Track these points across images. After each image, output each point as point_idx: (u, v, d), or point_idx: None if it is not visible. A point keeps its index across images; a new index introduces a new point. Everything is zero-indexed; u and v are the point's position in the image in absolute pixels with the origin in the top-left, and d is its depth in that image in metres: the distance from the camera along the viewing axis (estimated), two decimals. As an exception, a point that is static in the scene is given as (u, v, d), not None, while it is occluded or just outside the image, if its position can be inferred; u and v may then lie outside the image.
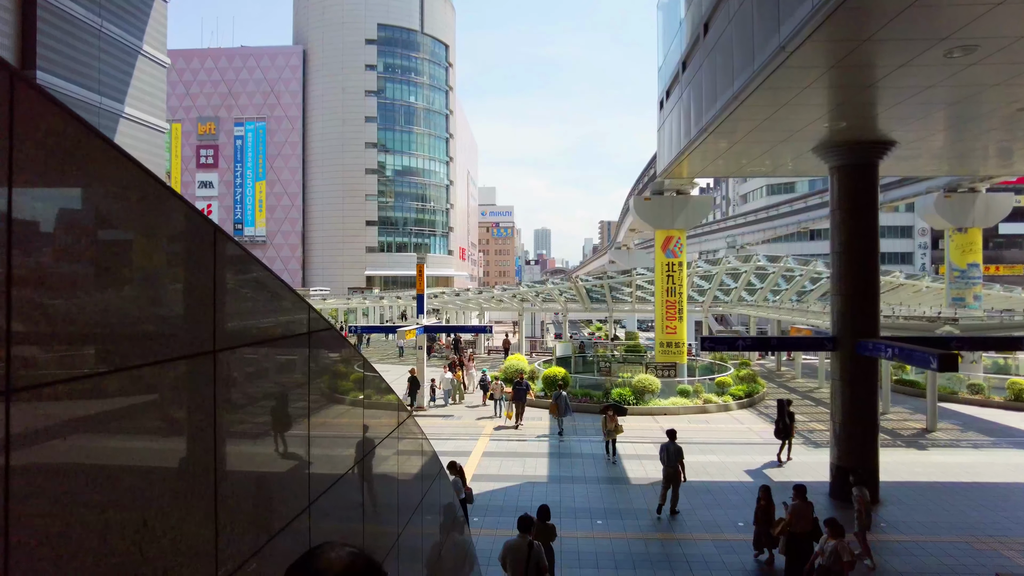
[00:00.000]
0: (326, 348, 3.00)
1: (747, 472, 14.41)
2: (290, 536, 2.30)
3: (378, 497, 3.59)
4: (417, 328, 21.01)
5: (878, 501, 12.37)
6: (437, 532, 5.23)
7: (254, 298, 2.28)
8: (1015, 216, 49.26)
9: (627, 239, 47.95)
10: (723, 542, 10.46)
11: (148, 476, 1.62)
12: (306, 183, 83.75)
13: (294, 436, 2.53)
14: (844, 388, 12.55)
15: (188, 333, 1.79)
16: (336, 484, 2.84)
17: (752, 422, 19.83)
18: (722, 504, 12.25)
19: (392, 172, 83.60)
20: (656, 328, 26.32)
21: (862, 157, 12.34)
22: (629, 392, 21.33)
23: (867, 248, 12.53)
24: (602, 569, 9.51)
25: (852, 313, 12.48)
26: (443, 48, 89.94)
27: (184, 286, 1.81)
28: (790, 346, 14.59)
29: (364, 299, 50.10)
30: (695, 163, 14.68)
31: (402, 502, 3.86)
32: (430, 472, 4.94)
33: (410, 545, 4.15)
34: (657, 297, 25.84)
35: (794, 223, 43.10)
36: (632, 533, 10.93)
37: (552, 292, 33.89)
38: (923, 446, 16.94)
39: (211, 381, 1.86)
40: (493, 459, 15.19)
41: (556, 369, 23.05)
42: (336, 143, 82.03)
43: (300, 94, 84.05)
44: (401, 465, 3.94)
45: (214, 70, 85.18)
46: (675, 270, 25.49)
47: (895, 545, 10.38)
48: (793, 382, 27.83)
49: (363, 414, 3.39)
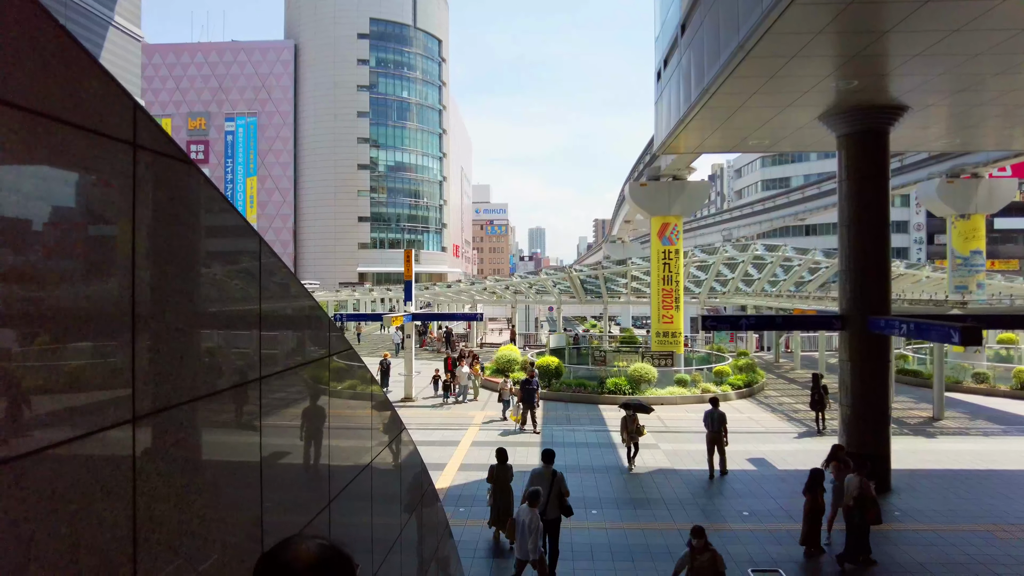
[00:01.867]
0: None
1: (750, 460, 13.66)
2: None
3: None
4: (404, 316, 20.17)
5: (889, 489, 11.64)
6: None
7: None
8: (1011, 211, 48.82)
9: (622, 231, 47.20)
10: (727, 532, 9.69)
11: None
12: (298, 179, 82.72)
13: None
14: (854, 369, 11.80)
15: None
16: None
17: (752, 411, 19.09)
18: (725, 493, 11.49)
19: (384, 168, 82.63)
20: (652, 318, 25.58)
21: (872, 123, 11.60)
22: (625, 382, 20.56)
23: (877, 220, 11.80)
24: (597, 561, 8.73)
25: (862, 289, 11.73)
26: (436, 43, 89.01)
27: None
28: (796, 325, 13.87)
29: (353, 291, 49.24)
30: (693, 136, 13.91)
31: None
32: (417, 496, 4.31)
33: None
34: (653, 286, 25.10)
35: (791, 214, 42.42)
36: (629, 523, 10.16)
37: (546, 283, 33.11)
38: (931, 434, 16.25)
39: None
40: (483, 449, 14.39)
41: (549, 359, 22.26)
42: (328, 138, 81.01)
43: (292, 89, 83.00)
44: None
45: (204, 65, 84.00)
46: (672, 258, 24.76)
47: (912, 535, 9.63)
48: (792, 373, 27.14)
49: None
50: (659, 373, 21.13)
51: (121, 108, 1.52)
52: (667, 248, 24.80)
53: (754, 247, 29.53)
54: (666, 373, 21.65)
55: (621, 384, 20.43)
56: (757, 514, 10.45)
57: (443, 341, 34.72)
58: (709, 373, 22.42)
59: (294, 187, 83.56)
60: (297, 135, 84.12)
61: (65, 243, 1.43)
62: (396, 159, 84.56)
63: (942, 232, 54.16)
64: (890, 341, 11.93)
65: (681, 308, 25.21)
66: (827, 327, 12.26)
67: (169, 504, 1.67)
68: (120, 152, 1.52)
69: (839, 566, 8.52)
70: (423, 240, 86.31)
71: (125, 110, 1.53)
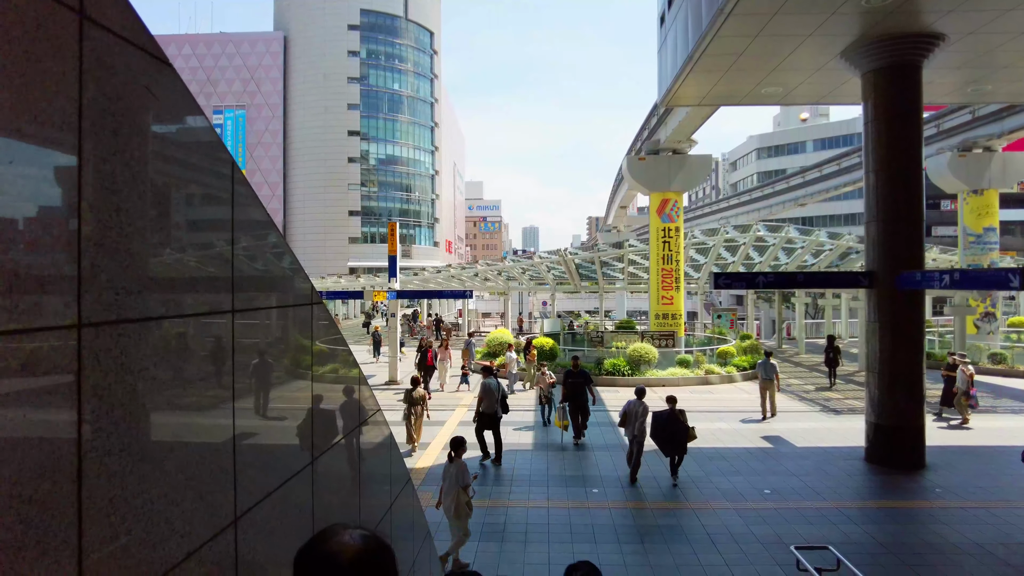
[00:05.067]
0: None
1: (765, 438, 12.39)
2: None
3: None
4: (388, 292, 18.83)
5: (924, 465, 10.39)
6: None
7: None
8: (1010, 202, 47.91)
9: (618, 220, 45.91)
10: (748, 511, 8.41)
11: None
12: (287, 173, 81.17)
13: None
14: (884, 332, 10.53)
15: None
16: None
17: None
18: (741, 471, 10.20)
19: (376, 161, 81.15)
20: (651, 299, 24.33)
21: (904, 55, 10.35)
22: (623, 362, 19.28)
23: (909, 164, 10.55)
24: (600, 544, 7.43)
25: (892, 241, 10.48)
26: (428, 35, 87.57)
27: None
28: (819, 283, 12.65)
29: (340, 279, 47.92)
30: (701, 81, 12.62)
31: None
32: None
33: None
34: (652, 266, 23.85)
35: (791, 199, 41.25)
36: (632, 502, 8.86)
37: (540, 268, 31.81)
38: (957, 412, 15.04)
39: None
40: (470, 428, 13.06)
41: (544, 339, 20.98)
42: (318, 131, 79.49)
43: (281, 81, 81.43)
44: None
45: (192, 56, 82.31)
46: (672, 235, 23.51)
47: (960, 512, 8.36)
48: (797, 358, 25.92)
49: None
50: (660, 354, 19.86)
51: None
52: (667, 226, 23.55)
53: (755, 228, 28.30)
54: (667, 354, 20.39)
55: (620, 365, 19.15)
56: (780, 492, 9.17)
57: (432, 329, 33.37)
58: (712, 354, 21.17)
59: (283, 181, 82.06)
60: (287, 128, 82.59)
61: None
62: (387, 152, 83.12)
63: (939, 224, 53.29)
64: (924, 301, 10.68)
65: (681, 289, 23.97)
66: (853, 284, 11.01)
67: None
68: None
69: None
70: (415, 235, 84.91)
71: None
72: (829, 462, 10.76)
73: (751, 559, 6.97)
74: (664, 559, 7.03)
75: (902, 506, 8.76)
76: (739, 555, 7.07)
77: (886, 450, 10.45)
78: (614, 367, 19.07)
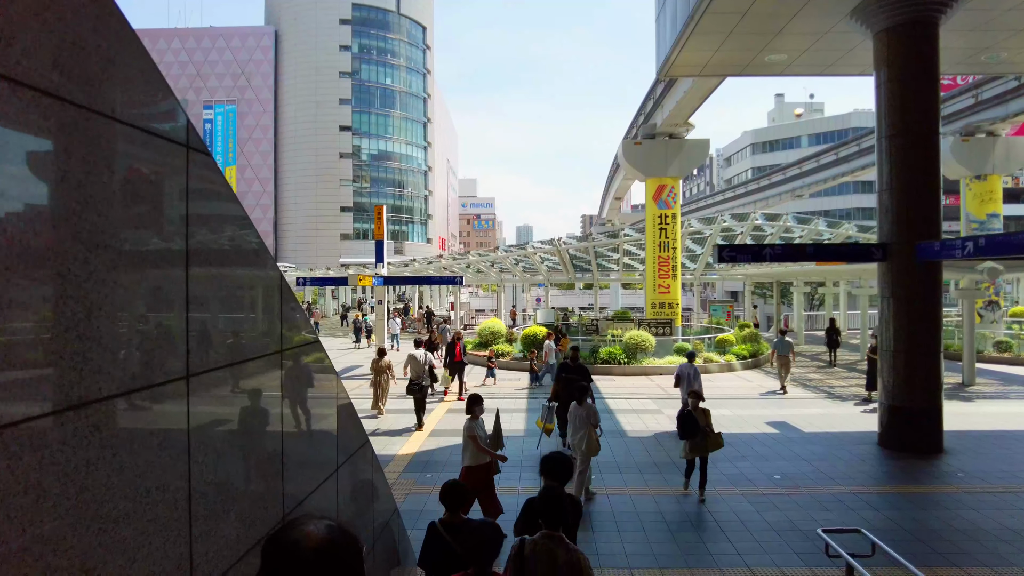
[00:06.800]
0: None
1: (770, 424, 11.70)
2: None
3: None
4: (375, 278, 18.05)
5: (942, 450, 9.72)
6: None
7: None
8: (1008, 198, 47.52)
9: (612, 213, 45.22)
10: (759, 497, 7.71)
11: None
12: (278, 168, 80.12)
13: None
14: (899, 307, 9.85)
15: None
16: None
17: (762, 380, 17.20)
18: (747, 456, 9.50)
19: (367, 156, 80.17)
20: (647, 288, 23.64)
21: (920, 11, 9.68)
22: (619, 351, 18.58)
23: (925, 127, 9.87)
24: (599, 532, 6.71)
25: (908, 210, 9.79)
26: (420, 30, 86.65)
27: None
28: (829, 255, 11.95)
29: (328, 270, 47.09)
30: (702, 46, 11.90)
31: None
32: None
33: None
34: (648, 253, 23.16)
35: (788, 191, 40.70)
36: (634, 488, 8.15)
37: (533, 258, 31.05)
38: (968, 397, 14.44)
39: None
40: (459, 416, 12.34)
41: (536, 328, 20.23)
42: (309, 127, 78.45)
43: (272, 76, 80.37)
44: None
45: (182, 51, 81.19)
46: (668, 222, 22.83)
47: (988, 497, 7.69)
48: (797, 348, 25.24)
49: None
50: (657, 343, 19.16)
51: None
52: (664, 212, 22.87)
53: (754, 216, 27.67)
54: (664, 343, 19.70)
55: (616, 353, 18.44)
56: (791, 477, 8.47)
57: (423, 322, 32.58)
58: (711, 343, 20.50)
59: (274, 176, 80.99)
60: (277, 123, 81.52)
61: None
62: (379, 148, 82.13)
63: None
64: (941, 275, 10.01)
65: (678, 278, 23.29)
66: (865, 258, 10.32)
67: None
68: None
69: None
70: (407, 231, 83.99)
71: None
72: (840, 447, 10.08)
73: (765, 547, 6.26)
74: (667, 547, 6.32)
75: (924, 491, 8.08)
76: (751, 543, 6.37)
77: (902, 433, 9.77)
78: (610, 355, 18.37)
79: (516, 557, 3.02)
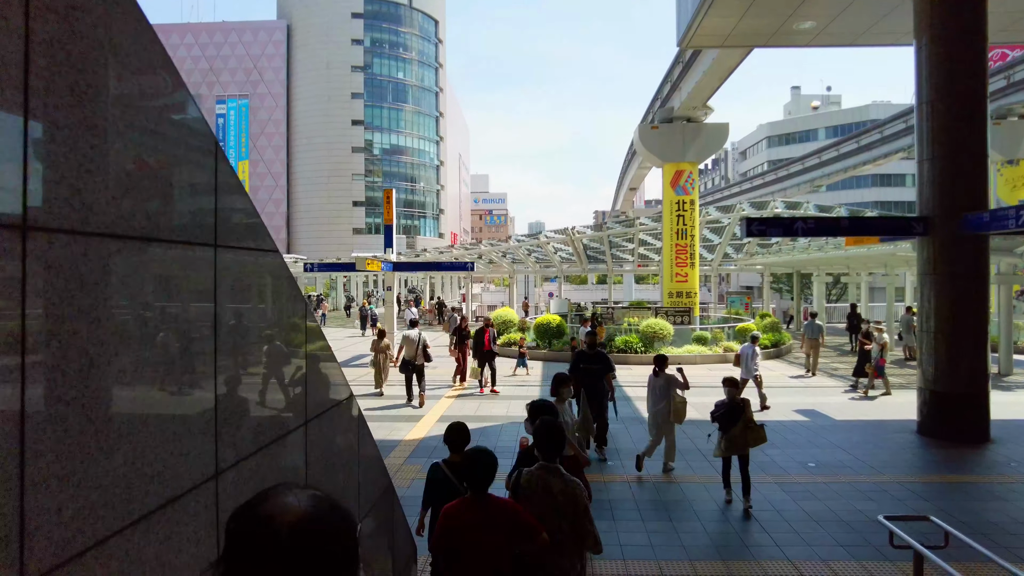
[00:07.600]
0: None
1: (799, 412, 11.04)
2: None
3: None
4: (384, 263, 17.55)
5: (989, 439, 9.01)
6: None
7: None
8: None
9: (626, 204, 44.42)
10: (794, 485, 7.08)
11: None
12: (290, 162, 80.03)
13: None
14: (942, 284, 9.14)
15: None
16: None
17: (786, 369, 16.52)
18: (777, 444, 8.84)
19: (379, 151, 79.84)
20: (664, 276, 22.96)
21: (967, -36, 8.96)
22: (636, 339, 17.94)
23: (971, 92, 9.15)
24: (621, 521, 6.13)
25: (951, 180, 9.08)
26: (433, 23, 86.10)
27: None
28: (866, 229, 11.23)
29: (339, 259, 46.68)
30: (726, 13, 11.23)
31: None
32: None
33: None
34: (665, 241, 22.46)
35: (806, 181, 39.67)
36: (653, 475, 7.55)
37: (547, 248, 30.43)
38: (1008, 387, 13.69)
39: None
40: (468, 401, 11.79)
41: (550, 316, 19.63)
42: (321, 121, 78.22)
43: (284, 70, 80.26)
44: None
45: (194, 45, 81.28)
46: (686, 209, 22.12)
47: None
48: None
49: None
50: (675, 332, 18.49)
51: None
52: (681, 199, 22.16)
53: (773, 204, 26.84)
54: (682, 332, 19.01)
55: (632, 342, 17.81)
56: (827, 465, 7.83)
57: (435, 313, 32.10)
58: (731, 332, 19.79)
59: (287, 171, 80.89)
60: (290, 117, 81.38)
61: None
62: (391, 142, 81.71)
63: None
64: (988, 250, 9.28)
65: (696, 266, 22.56)
66: (905, 232, 9.62)
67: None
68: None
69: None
70: (419, 226, 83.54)
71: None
72: (877, 434, 9.42)
73: (806, 539, 5.64)
74: (699, 539, 5.72)
75: (976, 480, 7.40)
76: (790, 535, 5.75)
77: (945, 421, 9.07)
78: (626, 344, 17.74)
79: (512, 487, 3.02)
